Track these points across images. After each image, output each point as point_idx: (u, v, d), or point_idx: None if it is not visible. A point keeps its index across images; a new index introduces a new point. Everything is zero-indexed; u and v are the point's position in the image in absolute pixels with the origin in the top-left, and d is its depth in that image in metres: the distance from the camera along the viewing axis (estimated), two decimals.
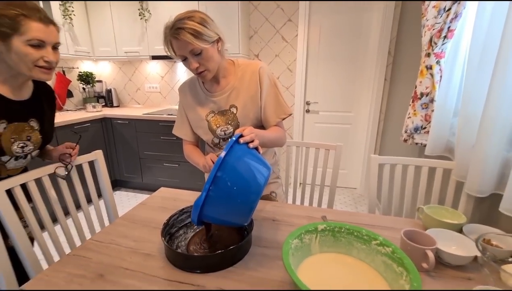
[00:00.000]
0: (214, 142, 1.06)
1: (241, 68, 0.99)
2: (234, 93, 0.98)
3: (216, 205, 0.62)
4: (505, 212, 0.76)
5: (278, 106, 1.00)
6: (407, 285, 0.52)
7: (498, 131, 0.81)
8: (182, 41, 0.82)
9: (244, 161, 0.65)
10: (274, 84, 1.00)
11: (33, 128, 0.90)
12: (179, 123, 1.11)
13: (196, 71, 0.89)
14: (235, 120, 0.99)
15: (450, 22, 1.15)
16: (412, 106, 1.43)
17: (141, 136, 2.60)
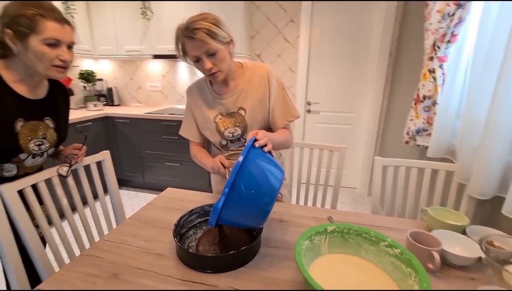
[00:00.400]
0: (221, 144, 1.07)
1: (249, 71, 1.00)
2: (242, 95, 1.00)
3: (234, 209, 0.64)
4: (508, 214, 0.78)
5: (286, 109, 1.02)
6: (416, 286, 0.54)
7: (501, 135, 0.84)
8: (198, 41, 0.83)
9: (261, 165, 0.66)
10: (282, 87, 1.02)
11: (48, 127, 0.92)
12: (186, 124, 1.13)
13: (210, 72, 0.90)
14: (243, 122, 1.00)
15: (454, 27, 1.17)
16: (414, 108, 1.45)
17: (142, 136, 2.60)
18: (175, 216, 0.96)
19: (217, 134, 1.04)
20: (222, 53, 0.88)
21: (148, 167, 2.69)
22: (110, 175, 1.18)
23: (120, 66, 3.11)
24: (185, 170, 2.60)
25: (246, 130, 1.01)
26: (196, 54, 0.87)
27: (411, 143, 1.52)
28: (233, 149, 1.07)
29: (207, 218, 0.93)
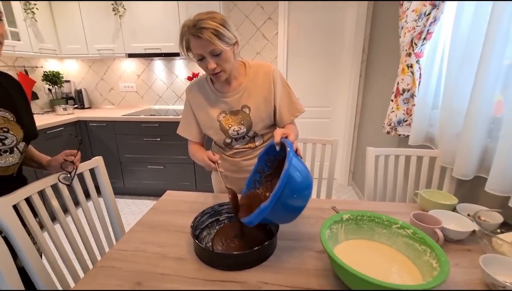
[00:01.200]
0: (225, 142, 1.07)
1: (252, 70, 1.01)
2: (246, 93, 1.01)
3: (277, 211, 0.65)
4: (491, 191, 0.89)
5: (292, 105, 1.05)
6: (433, 260, 0.60)
7: (480, 123, 0.95)
8: (204, 40, 0.82)
9: (300, 169, 0.68)
10: (286, 85, 1.04)
11: (7, 119, 0.82)
12: (186, 124, 1.10)
13: (213, 71, 0.90)
14: (248, 120, 1.01)
15: (430, 25, 1.28)
16: (395, 101, 1.57)
17: (121, 139, 2.47)
18: (183, 218, 0.95)
19: (221, 133, 1.04)
20: (227, 54, 0.88)
21: (129, 171, 2.57)
22: (104, 182, 1.12)
23: (89, 67, 2.91)
24: (169, 171, 2.52)
25: (251, 128, 1.03)
26: (200, 53, 0.86)
27: (392, 133, 1.64)
28: (237, 147, 1.08)
29: (218, 217, 0.94)
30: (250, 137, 1.06)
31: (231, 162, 1.10)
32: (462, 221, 0.85)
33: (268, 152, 0.86)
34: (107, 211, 1.14)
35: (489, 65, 0.89)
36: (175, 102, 2.92)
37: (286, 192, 0.63)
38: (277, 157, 0.87)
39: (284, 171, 0.62)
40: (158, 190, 2.66)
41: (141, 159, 2.51)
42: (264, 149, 0.87)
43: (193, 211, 1.00)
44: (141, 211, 2.45)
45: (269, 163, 0.88)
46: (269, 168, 0.89)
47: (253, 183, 0.90)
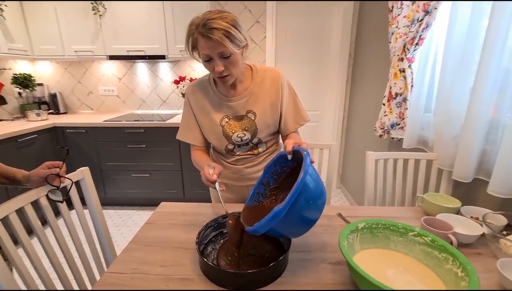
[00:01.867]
0: (227, 149, 1.01)
1: (259, 74, 0.97)
2: (252, 98, 0.96)
3: (290, 219, 0.60)
4: (493, 194, 0.91)
5: (298, 113, 1.02)
6: (458, 269, 0.59)
7: (479, 127, 0.97)
8: (214, 41, 0.77)
9: (314, 177, 0.65)
10: (293, 92, 1.01)
11: None
12: (186, 127, 1.03)
13: (220, 74, 0.84)
14: (253, 126, 0.96)
15: (422, 31, 1.31)
16: (387, 105, 1.59)
17: (102, 146, 2.32)
18: (184, 233, 0.88)
19: (224, 139, 0.98)
20: (236, 57, 0.83)
21: (111, 180, 2.41)
22: (92, 196, 1.02)
23: (64, 69, 2.71)
24: (156, 180, 2.40)
25: (256, 134, 0.98)
26: (209, 54, 0.80)
27: (384, 136, 1.66)
28: (239, 154, 1.02)
29: (222, 230, 0.87)
30: (254, 144, 1.01)
31: (233, 169, 1.04)
32: (469, 224, 0.85)
33: (277, 163, 0.82)
34: (94, 225, 1.04)
35: (488, 68, 0.91)
36: (159, 107, 2.80)
37: (301, 198, 0.59)
38: (285, 169, 0.83)
39: (301, 175, 0.59)
40: (143, 199, 2.52)
41: (124, 166, 2.36)
42: (272, 160, 0.82)
43: (193, 224, 0.93)
44: (124, 222, 2.31)
45: (275, 176, 0.84)
46: (275, 181, 0.84)
47: (256, 195, 0.84)
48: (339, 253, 0.77)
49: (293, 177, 0.81)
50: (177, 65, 2.69)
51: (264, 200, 0.84)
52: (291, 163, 0.80)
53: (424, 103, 1.41)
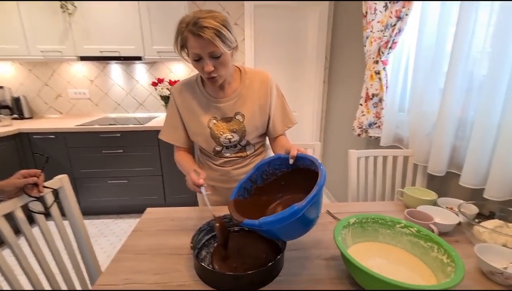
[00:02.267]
0: (215, 151, 1.00)
1: (248, 76, 0.97)
2: (240, 100, 0.96)
3: (296, 223, 0.61)
4: (465, 185, 0.99)
5: (286, 116, 1.03)
6: (443, 256, 0.63)
7: (450, 125, 1.06)
8: (205, 40, 0.76)
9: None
10: (282, 95, 1.03)
11: None
12: (170, 128, 1.01)
13: (209, 75, 0.83)
14: (242, 128, 0.96)
15: (395, 35, 1.40)
16: (364, 105, 1.67)
17: (74, 153, 2.18)
18: (175, 238, 0.86)
19: (212, 141, 0.97)
20: (226, 58, 0.82)
21: (84, 188, 2.27)
22: (72, 205, 0.95)
23: (29, 71, 2.52)
24: (134, 185, 2.30)
25: (244, 136, 0.98)
26: (199, 53, 0.79)
27: (363, 135, 1.75)
28: (228, 156, 1.02)
29: (215, 233, 0.86)
30: (242, 146, 1.01)
31: (221, 171, 1.03)
32: (446, 214, 0.92)
33: (271, 164, 0.82)
34: (75, 237, 0.97)
35: (456, 72, 1.00)
36: (136, 110, 2.70)
37: (314, 202, 0.60)
38: (276, 172, 0.83)
39: (321, 179, 0.62)
40: (121, 207, 2.41)
41: (99, 173, 2.24)
42: (267, 159, 0.82)
43: (184, 229, 0.91)
44: (101, 232, 2.18)
45: (264, 176, 0.84)
46: (263, 181, 0.84)
47: (242, 190, 0.83)
48: (332, 249, 0.80)
49: (281, 182, 0.83)
50: (154, 66, 2.61)
51: (249, 197, 0.83)
52: (286, 168, 0.81)
53: (399, 103, 1.50)
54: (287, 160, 0.78)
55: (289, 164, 0.77)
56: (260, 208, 0.82)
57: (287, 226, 0.60)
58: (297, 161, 0.77)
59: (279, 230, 0.63)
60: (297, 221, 0.60)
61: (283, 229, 0.63)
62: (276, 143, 1.02)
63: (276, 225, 0.60)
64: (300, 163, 0.77)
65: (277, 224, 0.60)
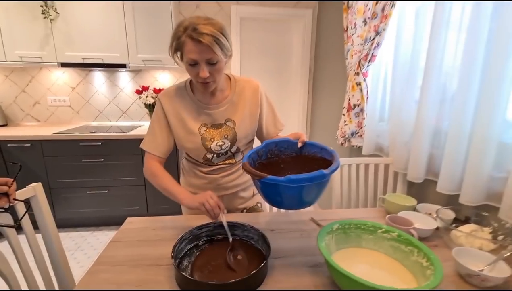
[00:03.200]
0: (205, 158, 0.99)
1: (238, 84, 0.98)
2: (231, 107, 0.96)
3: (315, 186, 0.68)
4: (442, 191, 1.03)
5: (277, 120, 1.07)
6: (423, 259, 0.65)
7: (425, 134, 1.11)
8: (204, 46, 0.76)
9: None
10: (271, 102, 1.06)
11: None
12: (153, 136, 0.97)
13: (204, 80, 0.83)
14: (233, 134, 0.97)
15: (374, 49, 1.46)
16: (347, 115, 1.72)
17: (51, 162, 2.08)
18: (156, 249, 0.83)
19: (202, 148, 0.96)
20: (221, 65, 0.84)
21: (62, 199, 2.17)
22: (45, 216, 0.90)
23: (5, 76, 2.41)
24: (115, 195, 2.22)
25: (235, 142, 0.98)
26: (196, 58, 0.79)
27: (346, 144, 1.79)
28: (218, 163, 1.01)
29: (197, 242, 0.84)
30: (232, 153, 1.01)
31: (209, 179, 1.02)
32: (425, 219, 0.95)
33: (278, 144, 0.87)
34: (48, 251, 0.92)
35: (430, 84, 1.06)
36: (119, 119, 2.63)
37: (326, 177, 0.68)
38: (280, 155, 0.89)
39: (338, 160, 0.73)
40: (100, 218, 2.31)
41: (78, 183, 2.15)
42: (276, 139, 0.88)
43: (165, 239, 0.88)
44: (78, 246, 2.07)
45: (269, 154, 0.88)
46: (267, 159, 0.89)
47: (250, 159, 0.84)
48: (316, 256, 0.80)
49: (281, 165, 0.88)
50: (139, 74, 2.58)
51: (253, 167, 0.83)
52: (290, 152, 0.87)
53: (379, 114, 1.56)
54: (294, 145, 0.85)
55: (294, 149, 0.84)
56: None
57: (305, 188, 0.66)
58: (304, 147, 0.83)
59: (294, 190, 0.67)
60: (317, 185, 0.67)
61: (299, 190, 0.68)
62: None
63: (304, 182, 0.65)
64: (307, 149, 0.84)
65: (304, 182, 0.65)
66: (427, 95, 1.08)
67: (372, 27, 1.44)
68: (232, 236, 0.87)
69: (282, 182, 0.66)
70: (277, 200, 0.75)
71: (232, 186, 1.05)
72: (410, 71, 1.20)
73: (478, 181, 0.91)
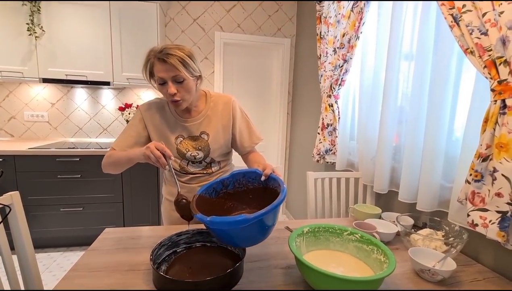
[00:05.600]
0: (181, 165, 1.05)
1: (213, 99, 1.06)
2: (206, 121, 1.03)
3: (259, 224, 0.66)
4: (402, 200, 1.14)
5: (252, 133, 1.12)
6: (381, 256, 0.73)
7: (387, 150, 1.24)
8: (169, 65, 0.85)
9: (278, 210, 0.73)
10: (246, 115, 1.13)
11: None
12: (124, 136, 1.02)
13: (172, 97, 0.91)
14: (206, 146, 1.03)
15: (343, 75, 1.63)
16: (321, 134, 1.85)
17: (24, 178, 2.01)
18: (135, 255, 0.85)
19: (178, 156, 1.03)
20: (189, 84, 0.91)
21: (32, 217, 2.07)
22: (21, 227, 0.90)
23: None
24: (90, 214, 2.15)
25: (209, 154, 1.04)
26: (163, 76, 0.88)
27: (321, 161, 1.90)
28: (193, 171, 1.06)
29: (176, 249, 0.87)
30: (207, 163, 1.07)
31: (187, 188, 1.06)
32: (387, 225, 1.04)
33: (246, 175, 0.89)
34: (21, 269, 0.90)
35: (388, 106, 1.20)
36: (99, 135, 2.62)
37: (268, 216, 0.67)
38: (248, 185, 0.90)
39: (280, 197, 0.69)
40: (72, 238, 2.21)
41: (52, 200, 2.07)
42: (244, 170, 0.90)
43: (144, 247, 0.90)
44: (46, 267, 1.96)
45: (237, 184, 0.90)
46: (234, 189, 0.91)
47: (212, 189, 0.88)
48: (289, 259, 0.85)
49: (249, 195, 0.90)
50: (122, 92, 2.62)
51: (215, 198, 0.88)
52: (258, 183, 0.87)
53: (349, 133, 1.70)
54: (261, 176, 0.84)
55: (261, 181, 0.84)
56: (222, 212, 0.87)
57: (234, 231, 0.66)
58: (268, 180, 0.84)
59: (227, 233, 0.68)
60: (244, 229, 0.65)
61: (231, 233, 0.68)
62: (250, 159, 1.10)
63: (224, 226, 0.65)
64: (271, 183, 0.84)
65: (224, 226, 0.65)
66: (387, 116, 1.22)
67: (341, 55, 1.61)
68: (210, 242, 0.92)
69: (206, 223, 0.65)
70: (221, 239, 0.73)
71: None
72: (372, 95, 1.35)
73: (431, 190, 1.02)
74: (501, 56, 0.72)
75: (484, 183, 0.77)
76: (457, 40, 0.83)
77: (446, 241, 0.88)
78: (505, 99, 0.72)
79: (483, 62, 0.76)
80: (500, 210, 0.73)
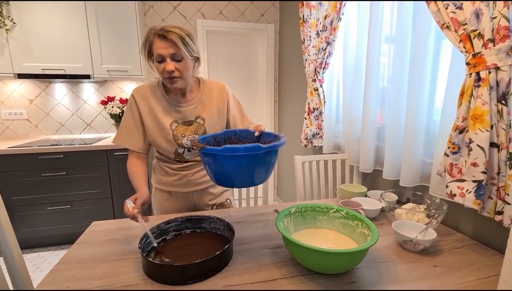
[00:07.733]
0: (177, 153, 1.04)
1: (206, 85, 1.06)
2: (200, 105, 1.03)
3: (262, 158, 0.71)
4: (386, 178, 1.17)
5: (244, 118, 1.14)
6: (366, 230, 0.75)
7: (371, 130, 1.26)
8: (169, 41, 0.85)
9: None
10: (238, 101, 1.14)
11: None
12: (127, 132, 1.01)
13: (170, 74, 0.89)
14: (203, 130, 1.04)
15: (326, 58, 1.63)
16: (308, 118, 1.86)
17: (5, 178, 1.95)
18: (123, 245, 0.85)
19: (174, 143, 1.01)
20: (188, 63, 0.91)
21: (17, 218, 2.02)
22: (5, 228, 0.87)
23: None
24: (79, 211, 2.12)
25: None
26: (162, 53, 0.87)
27: (308, 146, 1.92)
28: (189, 159, 1.06)
29: (165, 237, 0.87)
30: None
31: (178, 175, 1.06)
32: (373, 202, 1.07)
33: (238, 133, 0.93)
34: (9, 273, 0.88)
35: (371, 88, 1.22)
36: (83, 131, 2.55)
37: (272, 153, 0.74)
38: (238, 143, 0.94)
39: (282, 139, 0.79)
40: (62, 236, 2.18)
41: (37, 199, 2.02)
42: (237, 129, 0.94)
43: (133, 237, 0.90)
44: (37, 267, 1.93)
45: (228, 142, 0.94)
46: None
47: (206, 142, 0.89)
48: (277, 240, 0.87)
49: None
50: (104, 86, 2.54)
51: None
52: (249, 141, 0.92)
53: (335, 116, 1.72)
54: (253, 135, 0.89)
55: (253, 139, 0.89)
56: None
57: (246, 160, 0.68)
58: (261, 137, 0.89)
59: (238, 164, 0.70)
60: (255, 159, 0.70)
61: (242, 162, 0.70)
62: None
63: (237, 152, 0.67)
64: (264, 139, 0.89)
65: (237, 151, 0.67)
66: (370, 97, 1.24)
67: (324, 38, 1.61)
68: (200, 229, 0.92)
69: (219, 152, 0.68)
70: (223, 177, 0.75)
71: (202, 182, 1.10)
72: (355, 77, 1.36)
73: (413, 166, 1.05)
74: (475, 30, 0.73)
75: (461, 155, 0.80)
76: (434, 16, 0.84)
77: (427, 213, 0.91)
78: (479, 72, 0.73)
79: (459, 36, 0.77)
80: (476, 179, 0.76)
